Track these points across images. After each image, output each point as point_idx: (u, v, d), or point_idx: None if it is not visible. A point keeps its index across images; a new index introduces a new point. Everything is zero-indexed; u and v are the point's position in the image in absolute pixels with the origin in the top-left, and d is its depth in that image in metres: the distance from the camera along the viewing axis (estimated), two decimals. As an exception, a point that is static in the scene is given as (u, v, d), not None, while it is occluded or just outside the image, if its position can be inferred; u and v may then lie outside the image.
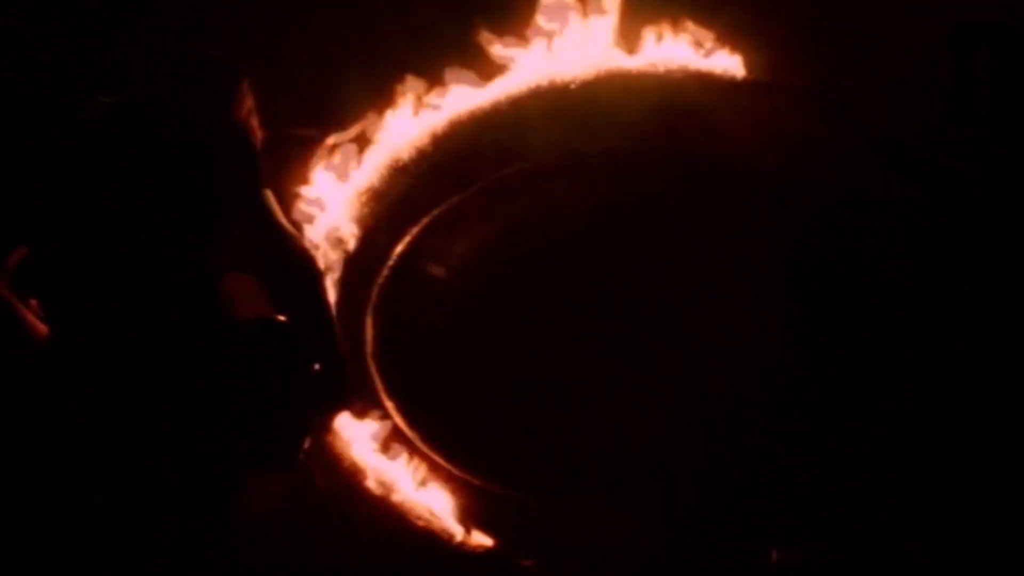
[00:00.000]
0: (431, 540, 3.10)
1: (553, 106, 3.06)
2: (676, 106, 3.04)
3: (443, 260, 3.14)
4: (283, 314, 2.43)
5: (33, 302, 2.36)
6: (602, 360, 3.13)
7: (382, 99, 3.17)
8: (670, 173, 3.07)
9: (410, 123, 3.13)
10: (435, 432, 3.12)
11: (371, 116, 3.17)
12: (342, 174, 3.13)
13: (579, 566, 3.12)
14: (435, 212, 3.11)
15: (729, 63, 3.14)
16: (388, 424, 3.12)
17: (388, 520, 3.10)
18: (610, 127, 3.05)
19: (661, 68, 3.08)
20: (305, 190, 3.09)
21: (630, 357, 3.13)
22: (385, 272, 3.10)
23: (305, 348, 2.43)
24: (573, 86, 3.05)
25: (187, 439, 2.35)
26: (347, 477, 3.09)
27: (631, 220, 3.12)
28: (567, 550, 3.13)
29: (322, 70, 3.27)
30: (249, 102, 2.46)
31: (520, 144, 3.07)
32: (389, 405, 3.11)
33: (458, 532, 3.12)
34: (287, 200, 2.55)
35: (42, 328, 2.36)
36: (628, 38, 3.15)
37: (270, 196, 2.42)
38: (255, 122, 2.48)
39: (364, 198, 3.11)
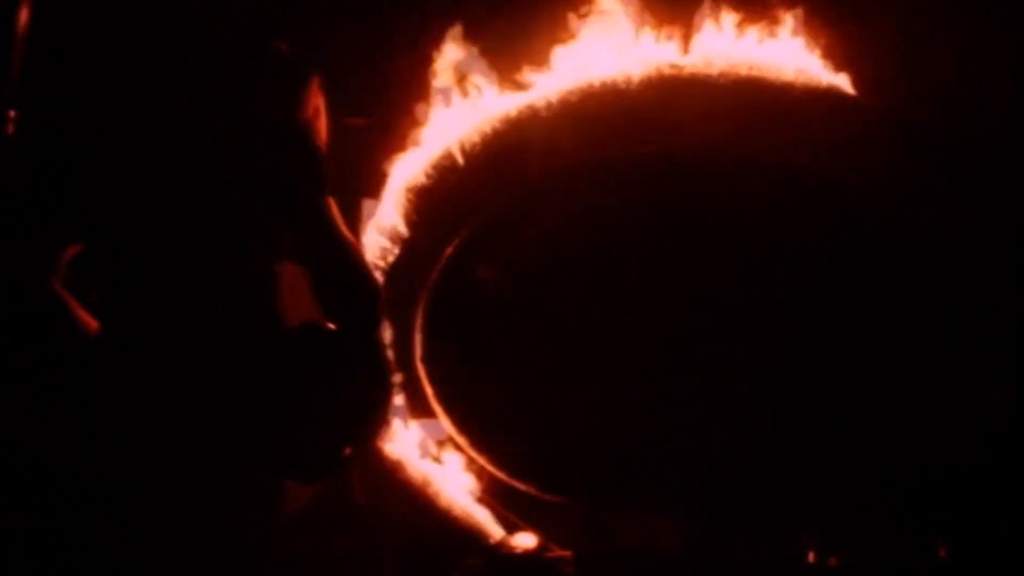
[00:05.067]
0: (472, 541, 3.09)
1: (607, 106, 3.01)
2: (731, 110, 2.99)
3: (493, 263, 3.10)
4: (333, 322, 2.41)
5: (93, 295, 2.34)
6: (653, 365, 3.11)
7: (431, 97, 3.13)
8: (724, 177, 3.04)
9: (460, 122, 3.09)
10: (483, 436, 3.10)
11: (420, 114, 3.13)
12: (391, 172, 3.10)
13: (620, 570, 3.11)
14: (485, 214, 3.07)
15: (784, 67, 3.08)
16: (436, 428, 3.11)
17: (428, 521, 3.09)
18: (665, 129, 3.00)
19: (715, 70, 3.02)
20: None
21: (681, 363, 3.11)
22: (434, 275, 3.07)
23: (351, 358, 2.41)
24: (627, 86, 3.00)
25: (229, 441, 2.35)
26: (388, 478, 3.08)
27: (685, 223, 3.09)
28: (609, 554, 3.12)
29: (370, 60, 3.21)
30: (316, 102, 2.38)
31: (573, 145, 3.03)
32: (438, 409, 3.10)
33: (499, 535, 3.11)
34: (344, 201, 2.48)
35: (93, 325, 2.35)
36: (682, 36, 3.10)
37: (332, 203, 2.37)
38: (322, 124, 2.40)
39: (412, 198, 3.07)
